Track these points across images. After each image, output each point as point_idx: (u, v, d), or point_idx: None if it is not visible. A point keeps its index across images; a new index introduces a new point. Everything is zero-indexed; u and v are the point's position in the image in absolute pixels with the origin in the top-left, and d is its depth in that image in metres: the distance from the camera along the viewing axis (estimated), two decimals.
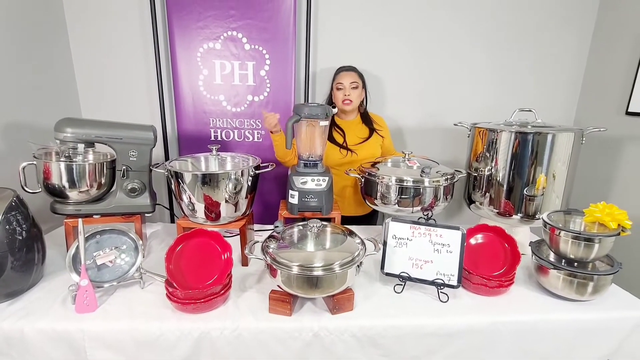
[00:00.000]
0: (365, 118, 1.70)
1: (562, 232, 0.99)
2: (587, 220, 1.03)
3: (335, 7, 1.84)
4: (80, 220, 0.96)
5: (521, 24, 1.94)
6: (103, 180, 1.15)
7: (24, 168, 1.08)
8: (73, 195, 1.12)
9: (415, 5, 1.87)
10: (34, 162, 1.09)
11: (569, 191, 1.25)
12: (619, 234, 0.96)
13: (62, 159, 1.11)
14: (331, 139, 1.60)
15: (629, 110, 1.76)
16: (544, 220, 1.05)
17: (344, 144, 1.61)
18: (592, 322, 0.97)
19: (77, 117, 1.79)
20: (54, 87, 1.69)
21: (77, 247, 0.96)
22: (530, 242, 1.13)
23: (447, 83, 2.00)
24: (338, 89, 1.61)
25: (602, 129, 1.21)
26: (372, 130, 1.67)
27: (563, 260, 1.03)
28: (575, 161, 1.22)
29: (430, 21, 1.90)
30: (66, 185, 1.10)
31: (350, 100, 1.59)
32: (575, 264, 1.01)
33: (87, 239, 0.98)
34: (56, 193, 1.11)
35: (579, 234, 0.97)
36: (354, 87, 1.59)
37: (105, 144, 1.13)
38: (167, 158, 1.93)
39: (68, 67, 1.79)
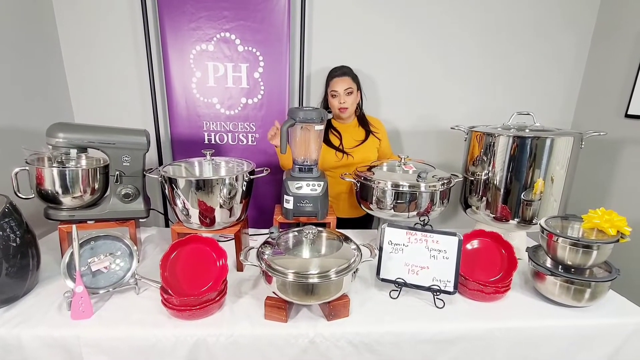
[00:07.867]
0: (362, 121, 1.68)
1: (560, 239, 0.98)
2: (585, 226, 1.02)
3: (330, 8, 1.81)
4: (74, 227, 0.96)
5: (519, 26, 1.91)
6: (96, 186, 1.14)
7: (16, 174, 1.07)
8: (66, 200, 1.11)
9: (411, 6, 1.84)
10: (27, 168, 1.08)
11: (567, 196, 1.24)
12: (617, 240, 0.95)
13: (54, 165, 1.10)
14: (327, 141, 1.59)
15: (629, 112, 1.73)
16: (541, 226, 1.04)
17: (340, 147, 1.60)
18: (589, 329, 0.96)
19: (70, 121, 1.77)
20: (45, 92, 1.66)
21: (72, 254, 0.95)
22: (527, 247, 1.12)
23: (443, 85, 1.97)
24: (333, 96, 1.59)
25: (602, 133, 1.19)
26: (368, 133, 1.66)
27: (560, 267, 1.02)
28: (574, 165, 1.20)
29: (426, 22, 1.87)
30: (59, 190, 1.09)
31: (346, 108, 1.58)
32: (573, 270, 1.01)
33: (81, 245, 0.97)
34: (49, 199, 1.10)
35: (578, 240, 0.96)
36: (348, 94, 1.57)
37: (98, 149, 1.12)
38: (160, 162, 1.91)
39: (59, 71, 1.76)
